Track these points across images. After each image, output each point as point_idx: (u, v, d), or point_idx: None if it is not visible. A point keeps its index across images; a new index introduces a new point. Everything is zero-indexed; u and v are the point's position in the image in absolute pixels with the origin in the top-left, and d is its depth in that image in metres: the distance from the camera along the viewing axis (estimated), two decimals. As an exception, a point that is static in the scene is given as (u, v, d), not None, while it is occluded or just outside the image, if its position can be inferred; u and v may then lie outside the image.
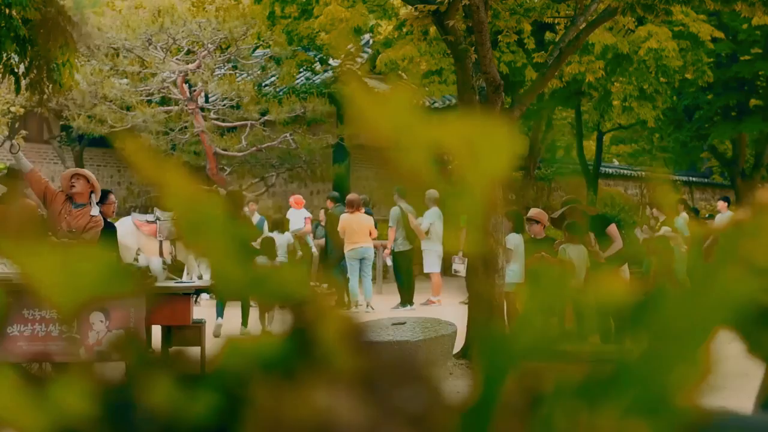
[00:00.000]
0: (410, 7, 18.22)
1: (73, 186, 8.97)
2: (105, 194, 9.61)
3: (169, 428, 0.42)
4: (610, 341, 0.55)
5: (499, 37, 12.43)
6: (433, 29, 12.97)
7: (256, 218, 16.50)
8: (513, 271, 10.27)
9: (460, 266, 18.73)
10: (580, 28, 9.69)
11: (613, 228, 9.95)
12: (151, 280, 8.54)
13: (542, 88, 10.11)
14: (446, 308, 16.77)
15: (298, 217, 17.37)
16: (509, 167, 0.48)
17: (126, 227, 13.80)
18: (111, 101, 21.49)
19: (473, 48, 9.21)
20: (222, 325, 12.19)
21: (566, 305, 0.50)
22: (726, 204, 18.55)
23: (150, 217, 13.93)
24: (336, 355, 0.43)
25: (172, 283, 9.22)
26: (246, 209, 16.87)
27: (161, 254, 13.77)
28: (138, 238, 13.87)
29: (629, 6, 8.35)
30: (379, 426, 0.40)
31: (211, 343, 10.80)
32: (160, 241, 13.60)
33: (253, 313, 13.53)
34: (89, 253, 0.48)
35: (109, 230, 9.94)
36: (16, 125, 10.71)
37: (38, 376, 0.46)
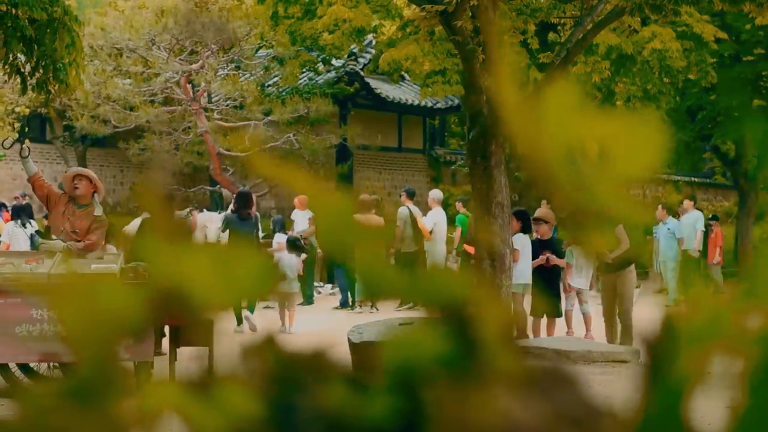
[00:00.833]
0: (415, 7, 18.22)
1: (76, 187, 8.97)
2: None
3: (344, 429, 0.42)
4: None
5: (505, 37, 12.42)
6: (439, 29, 12.96)
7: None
8: (520, 272, 10.27)
9: (453, 265, 18.72)
10: (587, 28, 9.69)
11: (620, 229, 9.95)
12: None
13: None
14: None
15: (303, 218, 17.35)
16: (656, 165, 0.47)
17: (135, 225, 13.79)
18: (114, 101, 21.49)
19: (480, 48, 9.21)
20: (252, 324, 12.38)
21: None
22: (692, 203, 18.50)
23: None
24: (499, 356, 0.43)
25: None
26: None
27: None
28: None
29: (637, 6, 8.35)
30: (556, 429, 0.40)
31: (219, 343, 10.79)
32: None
33: (251, 313, 13.53)
34: (241, 256, 0.47)
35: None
36: (26, 129, 10.67)
37: (202, 377, 0.46)
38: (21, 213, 15.82)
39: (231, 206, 14.16)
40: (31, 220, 15.93)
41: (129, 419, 0.46)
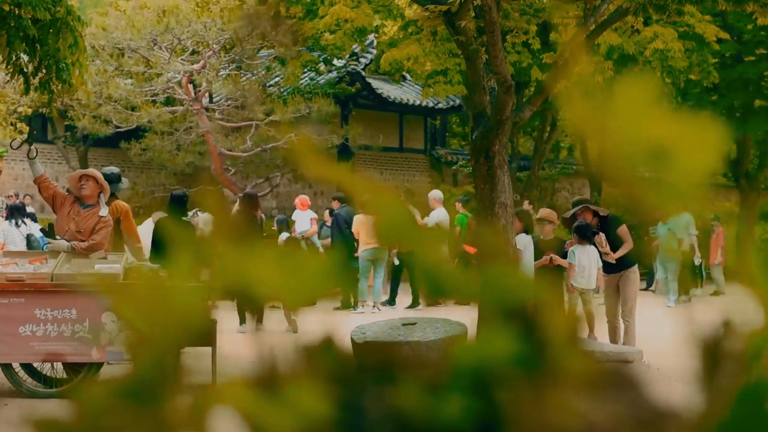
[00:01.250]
0: (416, 7, 18.20)
1: (83, 187, 8.97)
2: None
3: (417, 430, 0.42)
4: None
5: (508, 37, 12.42)
6: (441, 29, 12.96)
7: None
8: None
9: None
10: (590, 28, 9.69)
11: (624, 229, 9.95)
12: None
13: (553, 89, 10.10)
14: (457, 308, 16.76)
15: (304, 218, 17.36)
16: (716, 165, 0.47)
17: (148, 226, 13.80)
18: (116, 101, 21.48)
19: (484, 48, 9.21)
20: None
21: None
22: None
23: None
24: (567, 356, 0.43)
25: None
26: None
27: None
28: None
29: (641, 6, 8.35)
30: (630, 430, 0.40)
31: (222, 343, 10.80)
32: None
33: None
34: (308, 258, 0.47)
35: None
36: (34, 133, 10.76)
37: (270, 378, 0.46)
38: (16, 213, 15.77)
39: (236, 207, 14.10)
40: (26, 220, 15.86)
41: (186, 418, 0.46)
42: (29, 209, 18.53)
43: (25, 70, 10.71)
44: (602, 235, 9.78)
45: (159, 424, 0.45)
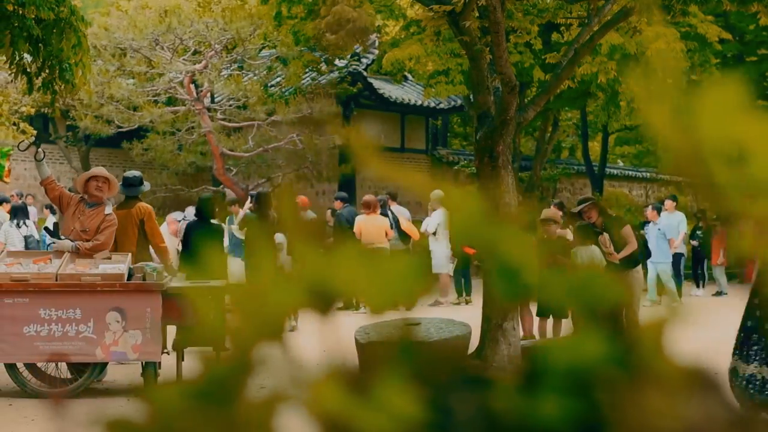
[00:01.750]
0: (418, 7, 18.18)
1: (101, 189, 9.01)
2: None
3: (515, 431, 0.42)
4: None
5: (511, 37, 12.42)
6: (444, 29, 12.95)
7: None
8: (526, 272, 10.25)
9: (449, 266, 18.74)
10: (594, 29, 9.69)
11: (627, 229, 9.94)
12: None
13: (557, 89, 10.10)
14: (462, 309, 16.79)
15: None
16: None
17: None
18: (118, 101, 21.48)
19: (488, 48, 9.21)
20: None
21: None
22: (674, 203, 18.38)
23: (179, 216, 13.93)
24: (655, 358, 0.42)
25: (187, 283, 9.21)
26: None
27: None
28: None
29: (646, 6, 8.34)
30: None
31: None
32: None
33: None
34: (396, 259, 0.47)
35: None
36: (42, 134, 10.77)
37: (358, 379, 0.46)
38: (18, 213, 15.84)
39: (249, 206, 14.17)
40: (27, 221, 15.95)
41: (258, 420, 0.46)
42: (31, 209, 18.55)
43: (29, 70, 10.70)
44: (606, 235, 9.78)
45: (232, 425, 0.44)
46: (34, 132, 19.22)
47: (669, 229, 17.91)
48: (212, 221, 11.22)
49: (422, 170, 29.34)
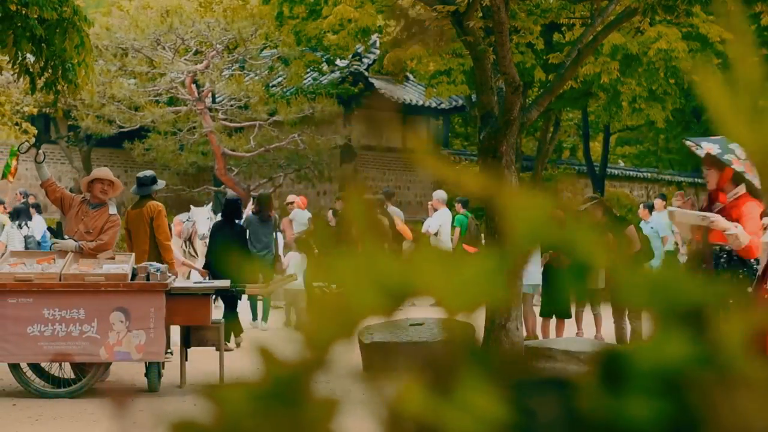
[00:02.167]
0: (419, 7, 18.17)
1: (105, 192, 9.03)
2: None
3: None
4: None
5: (513, 37, 12.42)
6: (446, 30, 12.94)
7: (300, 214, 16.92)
8: (530, 273, 10.26)
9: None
10: (598, 29, 9.68)
11: (631, 230, 9.94)
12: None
13: (560, 89, 10.10)
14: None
15: (303, 218, 17.38)
16: None
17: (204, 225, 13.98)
18: (119, 101, 21.47)
19: (491, 49, 9.20)
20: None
21: None
22: (663, 202, 18.32)
23: (183, 217, 13.95)
24: (743, 359, 0.42)
25: (191, 284, 9.21)
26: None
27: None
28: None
29: (650, 7, 8.34)
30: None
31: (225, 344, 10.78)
32: (185, 241, 13.65)
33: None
34: (474, 261, 0.47)
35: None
36: (42, 136, 10.79)
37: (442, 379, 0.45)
38: (20, 214, 16.00)
39: (251, 207, 14.31)
40: (29, 222, 16.12)
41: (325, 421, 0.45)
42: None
43: (31, 70, 10.69)
44: (610, 236, 9.76)
45: (300, 427, 0.44)
46: (36, 132, 19.23)
47: (662, 228, 17.89)
48: (237, 222, 11.41)
49: (476, 171, 29.29)
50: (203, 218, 13.90)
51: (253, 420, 0.45)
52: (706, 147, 5.22)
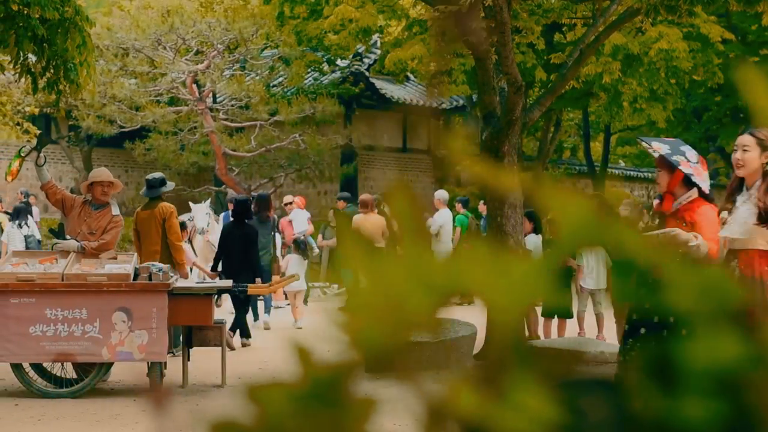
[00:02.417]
0: (420, 7, 18.12)
1: (105, 194, 9.06)
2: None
3: None
4: None
5: (515, 37, 12.43)
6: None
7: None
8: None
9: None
10: (600, 29, 9.68)
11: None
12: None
13: (563, 89, 10.09)
14: (466, 309, 16.71)
15: (302, 217, 17.39)
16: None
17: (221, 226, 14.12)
18: (120, 101, 21.46)
19: (494, 49, 9.20)
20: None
21: None
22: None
23: (186, 217, 13.99)
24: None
25: (193, 284, 9.21)
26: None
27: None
28: None
29: (652, 7, 8.34)
30: None
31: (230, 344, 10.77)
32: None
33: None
34: (521, 260, 0.46)
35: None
36: (43, 139, 10.75)
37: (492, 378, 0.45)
38: (21, 214, 16.07)
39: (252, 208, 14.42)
40: (29, 221, 16.25)
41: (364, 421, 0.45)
42: (34, 209, 18.58)
43: (33, 70, 10.68)
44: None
45: (341, 427, 0.44)
46: (38, 132, 19.24)
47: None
48: (248, 222, 11.55)
49: (425, 170, 29.31)
50: (202, 214, 13.98)
51: (294, 420, 0.45)
52: (656, 146, 5.17)
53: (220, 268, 10.88)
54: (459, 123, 32.14)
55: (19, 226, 15.62)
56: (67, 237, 9.01)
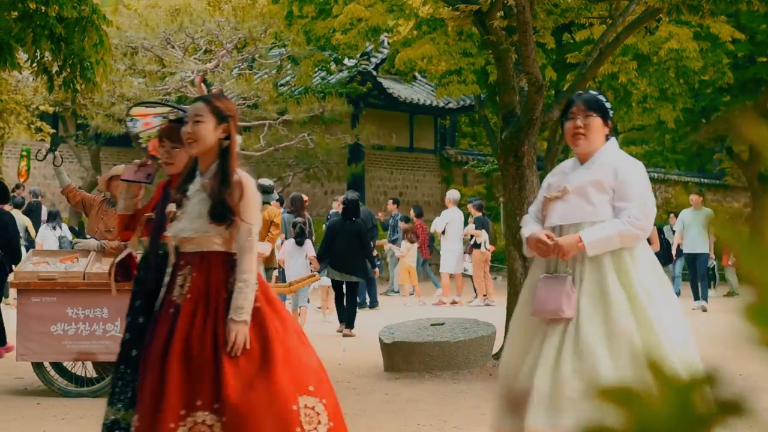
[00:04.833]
0: (429, 6, 18.08)
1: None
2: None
3: None
4: None
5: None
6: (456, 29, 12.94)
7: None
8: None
9: (468, 264, 18.75)
10: (619, 29, 9.67)
11: (654, 231, 9.92)
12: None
13: (582, 89, 10.07)
14: (486, 309, 16.78)
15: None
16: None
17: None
18: (129, 100, 21.44)
19: (513, 48, 9.19)
20: None
21: None
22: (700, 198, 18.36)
23: None
24: None
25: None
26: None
27: None
28: None
29: (674, 7, 8.32)
30: None
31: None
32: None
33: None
34: None
35: None
36: (58, 139, 10.73)
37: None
38: (55, 217, 16.94)
39: (286, 207, 15.45)
40: (62, 223, 17.15)
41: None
42: (43, 207, 18.64)
43: (49, 69, 10.68)
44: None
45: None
46: (52, 131, 19.27)
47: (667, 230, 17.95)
48: (355, 219, 12.81)
49: (431, 170, 29.31)
50: None
51: (667, 427, 0.44)
52: None
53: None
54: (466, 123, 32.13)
55: (53, 228, 16.31)
56: (87, 236, 9.01)
